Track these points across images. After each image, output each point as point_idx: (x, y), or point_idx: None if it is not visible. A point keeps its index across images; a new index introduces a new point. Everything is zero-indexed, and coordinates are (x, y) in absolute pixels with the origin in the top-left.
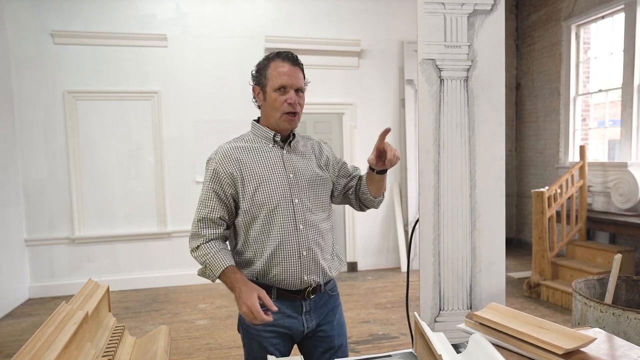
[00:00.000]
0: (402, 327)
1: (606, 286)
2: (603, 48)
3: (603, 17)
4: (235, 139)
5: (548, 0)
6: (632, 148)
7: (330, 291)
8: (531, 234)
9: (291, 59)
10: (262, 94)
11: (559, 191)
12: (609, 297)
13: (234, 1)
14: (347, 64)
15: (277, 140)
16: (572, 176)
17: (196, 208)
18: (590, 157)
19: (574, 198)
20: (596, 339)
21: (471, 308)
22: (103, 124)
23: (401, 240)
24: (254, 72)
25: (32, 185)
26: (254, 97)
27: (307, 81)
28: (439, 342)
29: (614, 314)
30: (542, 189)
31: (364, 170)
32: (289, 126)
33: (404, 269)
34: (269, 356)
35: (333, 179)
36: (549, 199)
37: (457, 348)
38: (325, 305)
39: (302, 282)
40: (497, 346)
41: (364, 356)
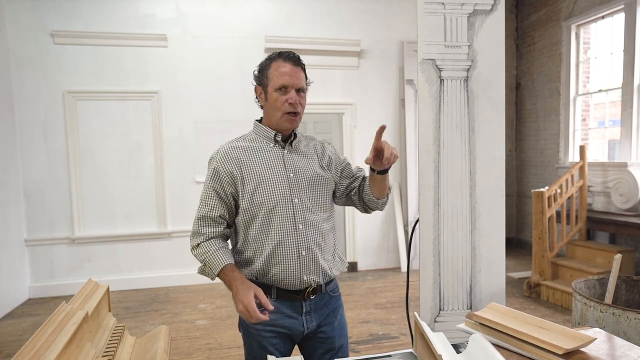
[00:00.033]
0: (402, 327)
1: (606, 286)
2: (603, 48)
3: (603, 17)
4: (237, 138)
5: (548, 0)
6: (632, 148)
7: (332, 292)
8: (531, 234)
9: (292, 59)
10: (264, 93)
11: (559, 191)
12: (609, 297)
13: (234, 1)
14: (347, 64)
15: (278, 140)
16: (572, 176)
17: (197, 206)
18: (590, 157)
19: (574, 198)
20: (596, 339)
21: (471, 308)
22: (103, 124)
23: (401, 240)
24: (256, 72)
25: (32, 185)
26: (256, 97)
27: (310, 81)
28: (439, 342)
29: (614, 314)
30: (542, 189)
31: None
32: (290, 126)
33: (404, 269)
34: (268, 356)
35: (336, 180)
36: (549, 199)
37: (457, 348)
38: (326, 306)
39: (302, 282)
40: (497, 346)
41: (364, 356)
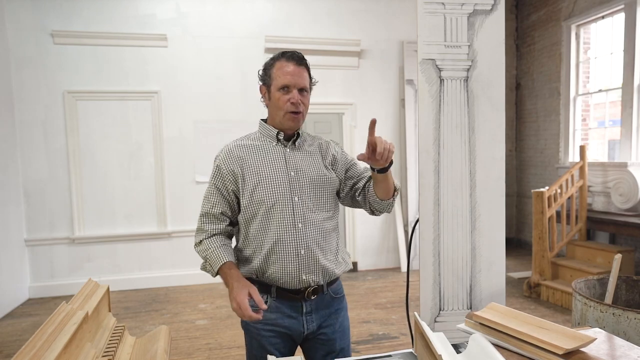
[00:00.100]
0: (402, 327)
1: (606, 286)
2: (603, 48)
3: (603, 17)
4: (242, 137)
5: (548, 0)
6: (632, 148)
7: (334, 293)
8: (531, 234)
9: (295, 58)
10: (268, 93)
11: (559, 191)
12: (609, 297)
13: (234, 1)
14: (347, 64)
15: (281, 138)
16: (572, 176)
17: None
18: (590, 157)
19: (574, 198)
20: (596, 339)
21: (471, 308)
22: (103, 124)
23: (401, 240)
24: (260, 71)
25: (32, 185)
26: (261, 97)
27: (315, 81)
28: (439, 342)
29: (614, 314)
30: (542, 189)
31: None
32: (292, 125)
33: (404, 269)
34: (268, 356)
35: (340, 179)
36: (549, 199)
37: (457, 348)
38: (327, 308)
39: (301, 282)
40: (497, 346)
41: (364, 356)
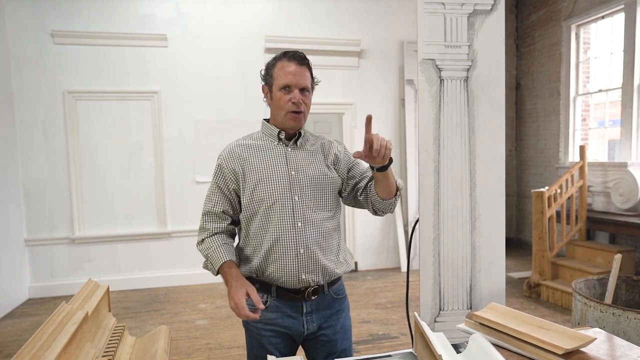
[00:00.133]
0: (402, 327)
1: (606, 286)
2: (603, 48)
3: (603, 17)
4: (244, 137)
5: (548, 0)
6: (632, 148)
7: (335, 294)
8: (531, 234)
9: (297, 58)
10: (270, 93)
11: (559, 191)
12: (609, 297)
13: (234, 1)
14: (347, 64)
15: (282, 138)
16: (572, 176)
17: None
18: (590, 157)
19: (574, 198)
20: (596, 339)
21: (471, 308)
22: (103, 124)
23: (401, 240)
24: (262, 71)
25: (32, 185)
26: (264, 97)
27: (317, 81)
28: (439, 342)
29: (614, 314)
30: (542, 189)
31: None
32: (294, 124)
33: (404, 269)
34: (268, 356)
35: (343, 179)
36: (549, 199)
37: (457, 348)
38: (328, 308)
39: (300, 281)
40: (497, 346)
41: (364, 356)
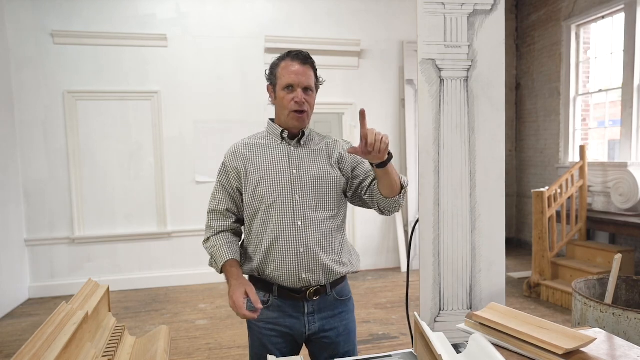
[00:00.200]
0: (402, 327)
1: (606, 286)
2: (603, 48)
3: (603, 17)
4: (250, 136)
5: (548, 0)
6: (632, 148)
7: (338, 295)
8: (531, 234)
9: (301, 57)
10: (274, 92)
11: (559, 191)
12: (609, 297)
13: (234, 1)
14: (347, 64)
15: (285, 137)
16: (572, 176)
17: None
18: (590, 157)
19: (574, 198)
20: (596, 339)
21: (471, 308)
22: (103, 124)
23: (401, 240)
24: (267, 71)
25: (32, 185)
26: (269, 97)
27: (322, 80)
28: (439, 342)
29: (614, 314)
30: (542, 189)
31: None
32: (297, 124)
33: (404, 269)
34: (269, 356)
35: (347, 178)
36: (549, 199)
37: (457, 348)
38: (331, 309)
39: (301, 280)
40: (497, 346)
41: (364, 356)
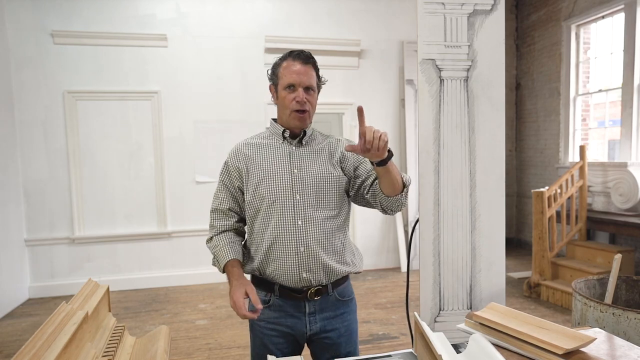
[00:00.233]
0: (402, 327)
1: (606, 286)
2: (603, 48)
3: (603, 17)
4: (252, 136)
5: (548, 0)
6: (632, 148)
7: (340, 295)
8: (531, 234)
9: (302, 57)
10: (276, 92)
11: (559, 191)
12: (609, 297)
13: (234, 1)
14: (347, 64)
15: (286, 136)
16: (572, 176)
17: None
18: (590, 157)
19: (574, 198)
20: (596, 339)
21: (471, 308)
22: (103, 124)
23: (401, 240)
24: (269, 71)
25: (32, 185)
26: (271, 96)
27: (324, 80)
28: (439, 342)
29: (614, 314)
30: (542, 189)
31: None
32: (299, 124)
33: (404, 269)
34: (269, 356)
35: (350, 177)
36: (549, 199)
37: (457, 348)
38: (332, 310)
39: (301, 280)
40: (497, 346)
41: (364, 356)
